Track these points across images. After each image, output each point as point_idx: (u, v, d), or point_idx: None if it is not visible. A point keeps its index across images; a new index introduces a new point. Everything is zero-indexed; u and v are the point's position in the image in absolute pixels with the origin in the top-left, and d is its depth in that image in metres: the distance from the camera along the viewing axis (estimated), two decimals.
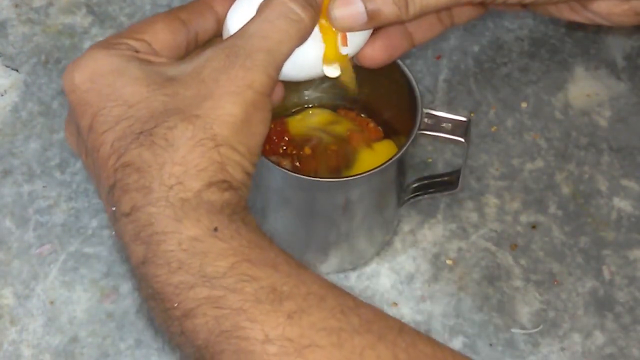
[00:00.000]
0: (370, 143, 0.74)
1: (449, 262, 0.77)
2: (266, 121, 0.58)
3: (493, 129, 0.83)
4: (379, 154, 0.73)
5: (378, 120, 0.76)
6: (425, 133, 0.69)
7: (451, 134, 0.69)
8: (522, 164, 0.81)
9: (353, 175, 0.69)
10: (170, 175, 0.54)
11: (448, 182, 0.75)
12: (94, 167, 0.58)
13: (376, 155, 0.73)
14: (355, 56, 0.65)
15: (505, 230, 0.78)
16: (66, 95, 0.58)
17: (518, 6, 0.69)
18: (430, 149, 0.82)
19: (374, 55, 0.66)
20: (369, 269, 0.77)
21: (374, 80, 0.70)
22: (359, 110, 0.76)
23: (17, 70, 0.85)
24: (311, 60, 0.62)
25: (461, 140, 0.69)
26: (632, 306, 0.75)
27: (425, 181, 0.76)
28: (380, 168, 0.67)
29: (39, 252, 0.77)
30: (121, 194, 0.55)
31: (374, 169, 0.67)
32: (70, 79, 0.58)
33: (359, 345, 0.51)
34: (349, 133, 0.75)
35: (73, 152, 0.62)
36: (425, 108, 0.69)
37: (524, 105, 0.84)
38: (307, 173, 0.72)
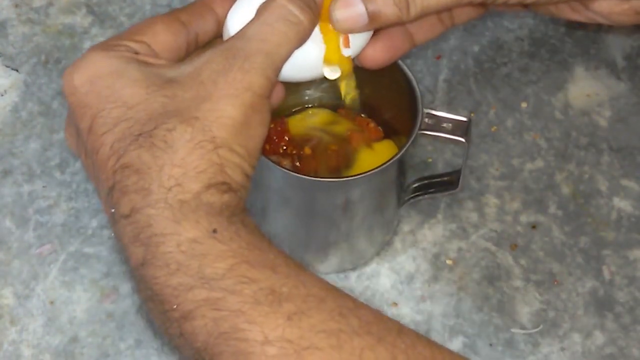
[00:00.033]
0: (370, 143, 0.74)
1: (449, 262, 0.77)
2: (265, 123, 0.58)
3: (493, 129, 0.83)
4: (379, 154, 0.73)
5: (378, 120, 0.76)
6: (425, 133, 0.69)
7: (451, 134, 0.69)
8: (522, 164, 0.81)
9: (353, 175, 0.69)
10: (170, 177, 0.54)
11: (448, 182, 0.75)
12: (93, 169, 0.57)
13: (376, 155, 0.73)
14: (356, 57, 0.65)
15: (505, 230, 0.78)
16: (66, 97, 0.58)
17: (519, 6, 0.69)
18: (431, 149, 0.82)
19: (375, 56, 0.66)
20: (369, 269, 0.77)
21: (374, 80, 0.70)
22: (359, 110, 0.76)
23: (17, 70, 0.85)
24: (311, 61, 0.62)
25: (462, 140, 0.69)
26: (632, 306, 0.75)
27: (425, 181, 0.76)
28: (380, 168, 0.67)
29: (39, 252, 0.77)
30: (120, 195, 0.55)
31: (374, 169, 0.67)
32: (70, 81, 0.58)
33: (358, 347, 0.51)
34: (349, 133, 0.75)
35: (73, 152, 0.62)
36: (426, 108, 0.69)
37: (524, 105, 0.84)
38: (307, 173, 0.72)
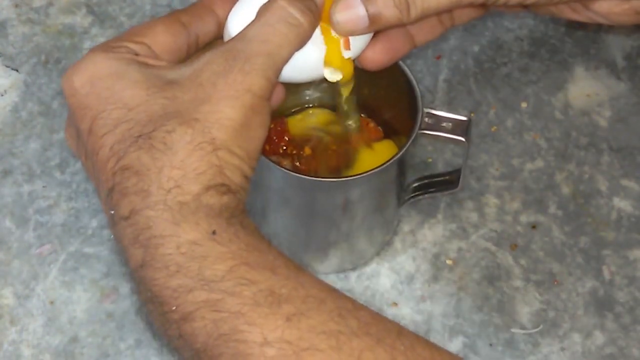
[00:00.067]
0: (370, 143, 0.74)
1: (449, 262, 0.77)
2: (265, 125, 0.58)
3: (493, 129, 0.83)
4: (379, 153, 0.73)
5: (378, 120, 0.76)
6: (425, 132, 0.69)
7: (451, 134, 0.69)
8: (522, 164, 0.81)
9: (353, 175, 0.69)
10: (169, 178, 0.54)
11: (448, 182, 0.75)
12: (93, 170, 0.57)
13: (376, 155, 0.73)
14: (356, 59, 0.65)
15: (505, 230, 0.78)
16: (66, 99, 0.58)
17: (519, 7, 0.69)
18: (431, 149, 0.82)
19: (375, 57, 0.66)
20: (369, 269, 0.77)
21: (374, 80, 0.70)
22: (359, 110, 0.76)
23: (17, 70, 0.85)
24: (312, 62, 0.62)
25: (462, 139, 0.69)
26: (632, 306, 0.75)
27: (425, 180, 0.76)
28: (380, 168, 0.67)
29: (39, 252, 0.77)
30: (120, 197, 0.55)
31: (374, 169, 0.67)
32: (70, 83, 0.58)
33: (357, 348, 0.51)
34: (349, 133, 0.75)
35: (73, 153, 0.62)
36: (426, 107, 0.69)
37: (524, 105, 0.84)
38: (307, 173, 0.72)
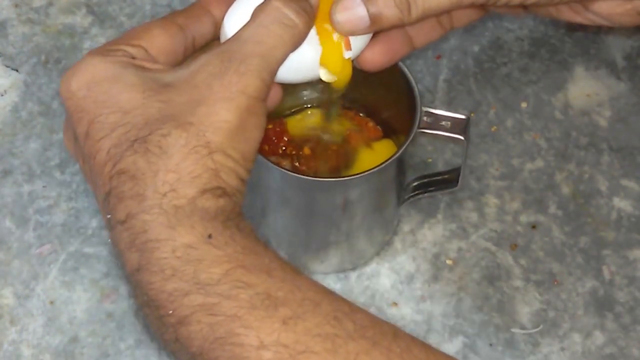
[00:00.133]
0: (369, 142, 0.74)
1: (449, 262, 0.77)
2: (261, 126, 0.58)
3: (493, 129, 0.83)
4: (379, 153, 0.73)
5: (377, 120, 0.76)
6: (424, 131, 0.69)
7: (450, 132, 0.69)
8: (522, 164, 0.81)
9: (352, 175, 0.69)
10: (164, 182, 0.54)
11: (448, 180, 0.75)
12: (91, 174, 0.58)
13: (375, 154, 0.73)
14: (355, 60, 0.65)
15: (505, 230, 0.78)
16: (63, 102, 0.58)
17: (519, 8, 0.69)
18: (430, 148, 0.82)
19: (374, 58, 0.66)
20: (369, 269, 0.77)
21: (373, 79, 0.70)
22: (358, 109, 0.76)
23: (17, 70, 0.85)
24: (308, 63, 0.62)
25: (460, 137, 0.69)
26: (632, 306, 0.75)
27: (425, 179, 0.76)
28: (379, 167, 0.67)
29: (39, 252, 0.77)
30: (116, 201, 0.55)
31: (373, 169, 0.67)
32: (67, 86, 0.58)
33: (353, 351, 0.51)
34: (348, 133, 0.75)
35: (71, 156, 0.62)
36: (424, 107, 0.69)
37: (524, 105, 0.84)
38: (307, 173, 0.72)
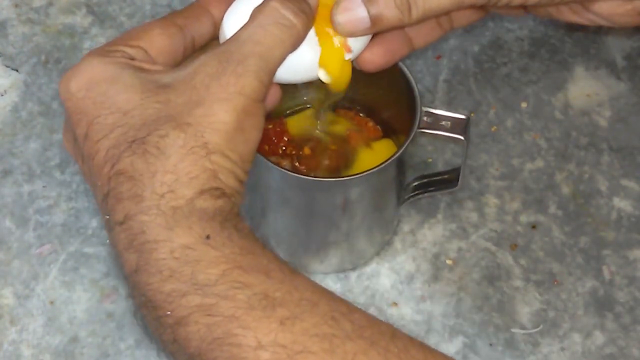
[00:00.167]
0: (369, 142, 0.74)
1: (449, 262, 0.77)
2: (259, 127, 0.58)
3: (493, 129, 0.83)
4: (378, 153, 0.73)
5: (377, 120, 0.76)
6: (424, 131, 0.69)
7: (450, 132, 0.69)
8: (522, 164, 0.81)
9: (352, 175, 0.69)
10: (162, 183, 0.54)
11: (448, 180, 0.75)
12: (90, 175, 0.58)
13: (375, 154, 0.73)
14: (354, 60, 0.65)
15: (505, 230, 0.78)
16: (63, 103, 0.59)
17: (519, 9, 0.69)
18: (430, 148, 0.82)
19: (374, 59, 0.67)
20: (369, 269, 0.77)
21: (373, 79, 0.70)
22: (358, 109, 0.76)
23: (17, 70, 0.85)
24: (306, 63, 0.62)
25: (460, 137, 0.69)
26: (632, 306, 0.75)
27: (425, 179, 0.76)
28: (379, 167, 0.67)
29: (39, 252, 0.77)
30: (115, 202, 0.55)
31: (373, 169, 0.67)
32: (66, 87, 0.58)
33: (351, 352, 0.51)
34: (348, 133, 0.75)
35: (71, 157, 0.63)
36: (424, 107, 0.69)
37: (524, 105, 0.84)
38: (307, 173, 0.72)
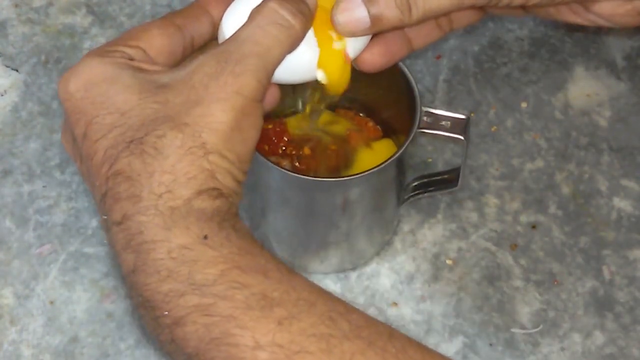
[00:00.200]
0: (369, 142, 0.74)
1: (449, 262, 0.77)
2: (257, 127, 0.57)
3: (493, 129, 0.83)
4: (378, 153, 0.73)
5: (377, 120, 0.76)
6: (424, 131, 0.69)
7: (450, 132, 0.69)
8: (522, 164, 0.81)
9: (352, 175, 0.69)
10: (160, 183, 0.54)
11: (448, 180, 0.75)
12: (88, 175, 0.58)
13: (375, 154, 0.73)
14: (354, 61, 0.65)
15: (505, 230, 0.78)
16: (61, 103, 0.59)
17: (519, 9, 0.69)
18: (430, 148, 0.82)
19: (373, 60, 0.67)
20: (369, 269, 0.77)
21: (373, 79, 0.70)
22: (358, 109, 0.77)
23: (17, 70, 0.85)
24: (305, 64, 0.62)
25: (460, 137, 0.69)
26: (632, 306, 0.75)
27: (424, 179, 0.76)
28: (379, 167, 0.67)
29: (39, 252, 0.77)
30: (112, 202, 0.55)
31: (373, 169, 0.67)
32: (65, 87, 0.58)
33: (348, 351, 0.51)
34: (348, 133, 0.75)
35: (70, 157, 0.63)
36: (424, 106, 0.69)
37: (524, 105, 0.84)
38: (307, 173, 0.72)
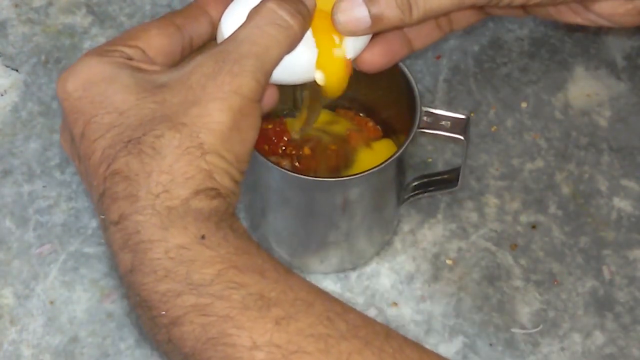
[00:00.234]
0: (369, 142, 0.74)
1: (449, 262, 0.77)
2: (255, 127, 0.57)
3: (493, 129, 0.83)
4: (378, 153, 0.73)
5: (377, 120, 0.76)
6: (424, 131, 0.69)
7: (450, 132, 0.69)
8: (522, 164, 0.81)
9: (352, 175, 0.69)
10: (157, 183, 0.54)
11: (448, 180, 0.75)
12: (86, 175, 0.58)
13: (375, 154, 0.73)
14: (354, 61, 0.65)
15: (505, 230, 0.78)
16: (60, 102, 0.59)
17: (519, 9, 0.69)
18: (430, 148, 0.82)
19: (373, 60, 0.67)
20: (369, 269, 0.77)
21: (373, 79, 0.70)
22: (358, 109, 0.77)
23: (17, 70, 0.85)
24: (303, 65, 0.62)
25: (460, 137, 0.69)
26: (632, 306, 0.75)
27: (424, 179, 0.76)
28: (379, 167, 0.67)
29: (39, 252, 0.77)
30: (110, 202, 0.55)
31: (372, 169, 0.67)
32: (64, 87, 0.58)
33: (345, 351, 0.51)
34: (348, 132, 0.75)
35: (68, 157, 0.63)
36: (424, 106, 0.69)
37: (524, 105, 0.84)
38: (307, 173, 0.72)
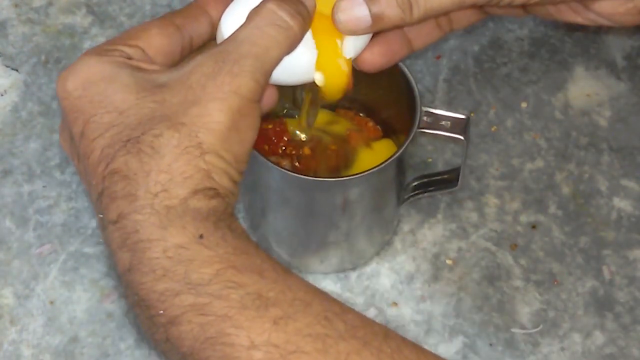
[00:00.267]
0: (369, 142, 0.74)
1: (449, 262, 0.77)
2: (254, 127, 0.57)
3: (493, 129, 0.83)
4: (378, 153, 0.73)
5: (377, 120, 0.76)
6: (424, 131, 0.69)
7: (450, 132, 0.69)
8: (522, 164, 0.81)
9: (352, 175, 0.69)
10: (156, 182, 0.54)
11: (448, 180, 0.75)
12: (85, 174, 0.58)
13: (375, 154, 0.73)
14: (354, 60, 0.65)
15: (505, 230, 0.78)
16: (59, 102, 0.59)
17: (520, 9, 0.69)
18: (430, 148, 0.82)
19: (373, 60, 0.67)
20: (369, 269, 0.77)
21: (373, 79, 0.70)
22: (358, 109, 0.76)
23: (17, 70, 0.85)
24: (303, 66, 0.62)
25: (460, 137, 0.69)
26: (632, 306, 0.75)
27: (424, 179, 0.76)
28: (379, 167, 0.67)
29: (39, 252, 0.77)
30: (109, 201, 0.55)
31: (372, 169, 0.67)
32: (63, 86, 0.58)
33: (344, 351, 0.51)
34: (348, 132, 0.75)
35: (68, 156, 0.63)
36: (424, 106, 0.69)
37: (524, 105, 0.84)
38: (307, 173, 0.72)
